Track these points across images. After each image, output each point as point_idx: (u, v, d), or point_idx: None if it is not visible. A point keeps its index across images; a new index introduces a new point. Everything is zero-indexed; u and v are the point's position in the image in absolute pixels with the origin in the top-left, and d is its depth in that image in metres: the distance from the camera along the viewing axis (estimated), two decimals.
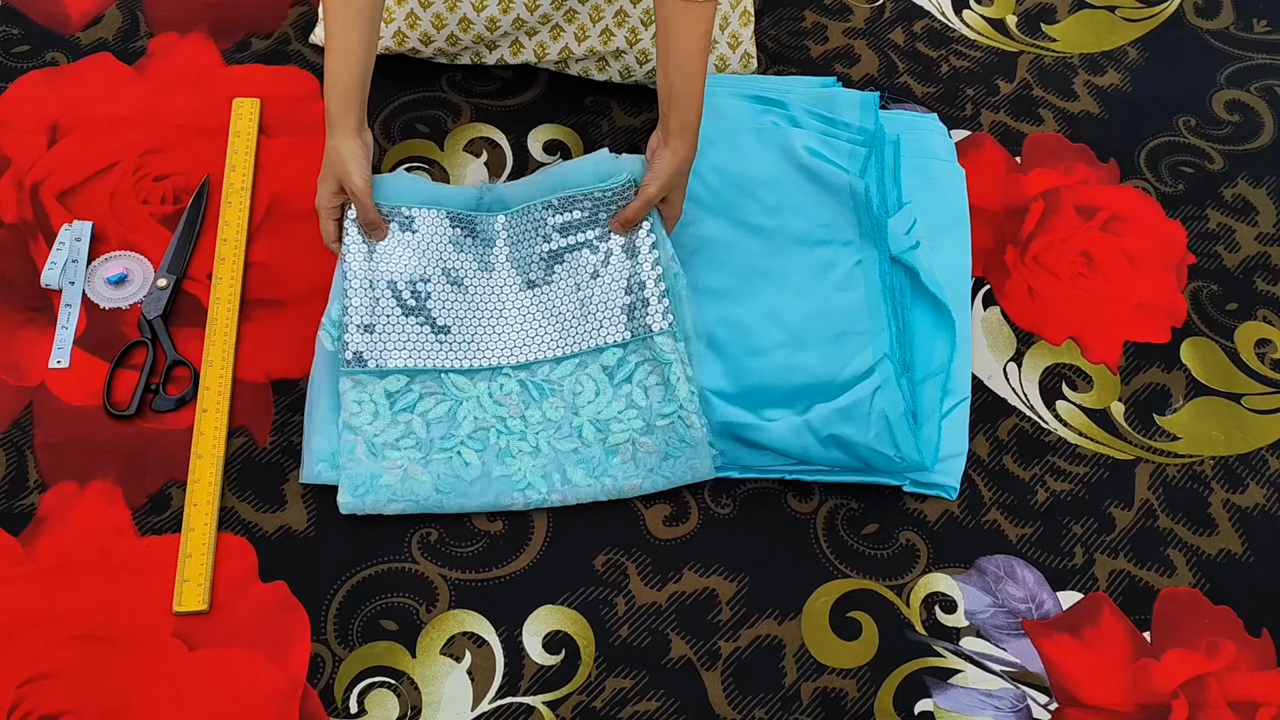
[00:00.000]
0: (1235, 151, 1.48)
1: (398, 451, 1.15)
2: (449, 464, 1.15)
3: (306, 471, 1.16)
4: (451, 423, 1.17)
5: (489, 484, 1.15)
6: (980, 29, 1.57)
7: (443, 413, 1.17)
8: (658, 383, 1.18)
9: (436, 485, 1.14)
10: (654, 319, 1.19)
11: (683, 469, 1.16)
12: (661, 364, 1.18)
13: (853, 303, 1.25)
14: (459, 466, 1.15)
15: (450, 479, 1.15)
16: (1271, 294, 1.37)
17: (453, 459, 1.15)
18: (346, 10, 1.11)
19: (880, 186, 1.31)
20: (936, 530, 1.19)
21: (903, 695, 1.10)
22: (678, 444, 1.16)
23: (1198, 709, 1.11)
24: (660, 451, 1.16)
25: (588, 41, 1.40)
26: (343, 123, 1.13)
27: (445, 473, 1.15)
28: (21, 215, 1.31)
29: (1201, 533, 1.21)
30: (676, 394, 1.17)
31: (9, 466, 1.17)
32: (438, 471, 1.15)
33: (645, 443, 1.16)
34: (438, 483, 1.14)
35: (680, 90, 1.13)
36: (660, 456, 1.16)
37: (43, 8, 1.47)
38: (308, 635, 1.09)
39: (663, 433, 1.16)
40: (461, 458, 1.16)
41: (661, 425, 1.16)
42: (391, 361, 1.17)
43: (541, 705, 1.08)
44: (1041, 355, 1.30)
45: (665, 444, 1.16)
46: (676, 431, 1.16)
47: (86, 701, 1.05)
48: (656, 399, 1.17)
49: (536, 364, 1.19)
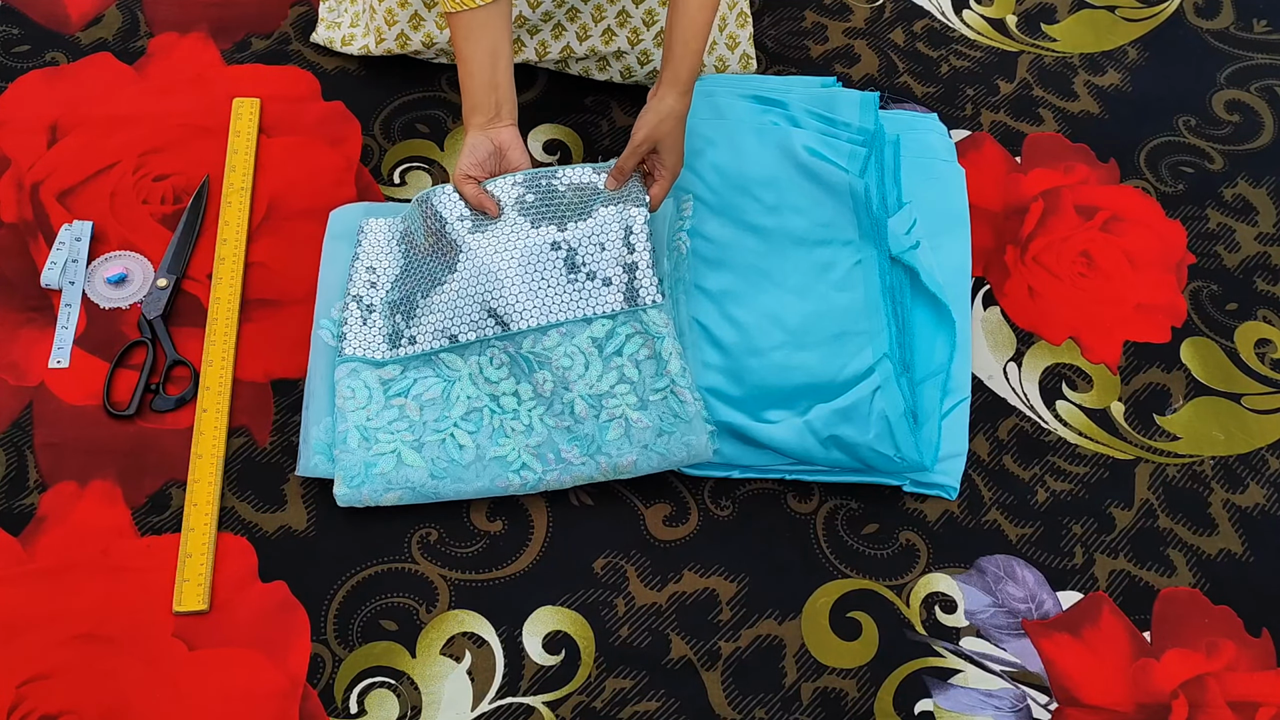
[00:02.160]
0: (1235, 151, 1.48)
1: (390, 435, 1.15)
2: (443, 447, 1.15)
3: (303, 464, 1.16)
4: (445, 404, 1.17)
5: (484, 467, 1.15)
6: (980, 29, 1.57)
7: (436, 394, 1.17)
8: (648, 356, 1.18)
9: (431, 471, 1.14)
10: (646, 292, 1.19)
11: (678, 446, 1.15)
12: (652, 337, 1.18)
13: (852, 303, 1.25)
14: (453, 449, 1.15)
15: (445, 463, 1.15)
16: (1271, 294, 1.37)
17: (446, 442, 1.15)
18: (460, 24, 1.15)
19: (880, 186, 1.31)
20: (936, 530, 1.19)
21: (903, 695, 1.10)
22: (672, 420, 1.16)
23: (1198, 709, 1.11)
24: (654, 427, 1.16)
25: (589, 41, 1.40)
26: (468, 121, 1.19)
27: (439, 456, 1.15)
28: (21, 215, 1.31)
29: (1201, 533, 1.21)
30: (669, 368, 1.17)
31: (9, 466, 1.17)
32: (431, 456, 1.15)
33: (639, 418, 1.16)
34: (432, 468, 1.14)
35: (680, 43, 1.17)
36: (655, 432, 1.15)
37: (43, 8, 1.47)
38: (308, 635, 1.10)
39: (656, 408, 1.16)
40: (455, 440, 1.15)
41: (655, 400, 1.16)
42: (387, 352, 1.18)
43: (541, 705, 1.08)
44: (1041, 355, 1.31)
45: (659, 419, 1.16)
46: (670, 407, 1.16)
47: (86, 701, 1.05)
48: (648, 373, 1.17)
49: (522, 334, 1.18)
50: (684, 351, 1.19)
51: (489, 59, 1.16)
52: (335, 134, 1.40)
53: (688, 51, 1.17)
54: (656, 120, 1.18)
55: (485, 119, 1.18)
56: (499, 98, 1.18)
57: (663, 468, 1.16)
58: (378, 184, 1.37)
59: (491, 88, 1.17)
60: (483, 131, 1.19)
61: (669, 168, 1.21)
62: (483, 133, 1.19)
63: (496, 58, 1.17)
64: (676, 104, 1.18)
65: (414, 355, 1.18)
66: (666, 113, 1.18)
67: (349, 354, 1.18)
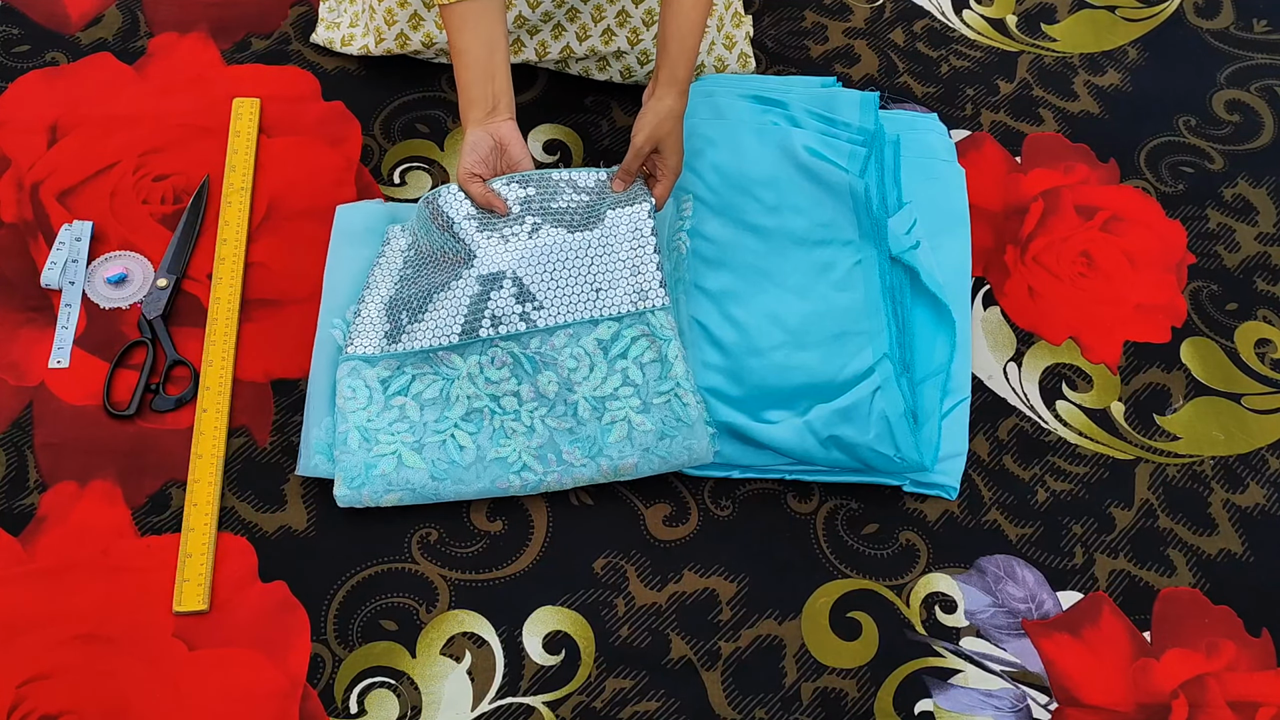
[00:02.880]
0: (1235, 151, 1.48)
1: (391, 436, 1.15)
2: (443, 448, 1.15)
3: (303, 464, 1.16)
4: (444, 404, 1.17)
5: (484, 468, 1.15)
6: (980, 29, 1.57)
7: (435, 393, 1.17)
8: (654, 359, 1.17)
9: (432, 472, 1.14)
10: (654, 294, 1.19)
11: (679, 449, 1.16)
12: (659, 340, 1.18)
13: (852, 303, 1.25)
14: (453, 450, 1.15)
15: (445, 464, 1.14)
16: (1271, 294, 1.37)
17: (446, 443, 1.15)
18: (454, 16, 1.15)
19: (880, 186, 1.31)
20: (936, 530, 1.19)
21: (903, 695, 1.10)
22: (674, 423, 1.16)
23: (1198, 709, 1.11)
24: (656, 431, 1.16)
25: (589, 41, 1.40)
26: (466, 116, 1.18)
27: (440, 458, 1.15)
28: (21, 215, 1.31)
29: (1201, 533, 1.21)
30: (673, 371, 1.17)
31: (9, 466, 1.17)
32: (432, 457, 1.14)
33: (641, 421, 1.16)
34: (433, 469, 1.14)
35: (675, 43, 1.17)
36: (656, 436, 1.16)
37: (43, 8, 1.47)
38: (308, 635, 1.10)
39: (659, 411, 1.16)
40: (455, 441, 1.15)
41: (658, 403, 1.16)
42: (387, 347, 1.18)
43: (541, 705, 1.08)
44: (1041, 355, 1.31)
45: (661, 423, 1.16)
46: (673, 410, 1.16)
47: (86, 701, 1.05)
48: (653, 376, 1.17)
49: (529, 334, 1.18)
50: (686, 353, 1.19)
51: (485, 50, 1.15)
52: (335, 134, 1.40)
53: (684, 49, 1.17)
54: (656, 121, 1.18)
55: (483, 113, 1.17)
56: (495, 90, 1.16)
57: (663, 470, 1.16)
58: (378, 184, 1.37)
59: (487, 79, 1.16)
60: (481, 127, 1.18)
61: (671, 167, 1.21)
62: (482, 128, 1.18)
63: (492, 49, 1.16)
64: (675, 104, 1.18)
65: (414, 351, 1.18)
66: (665, 113, 1.18)
67: (351, 353, 1.18)
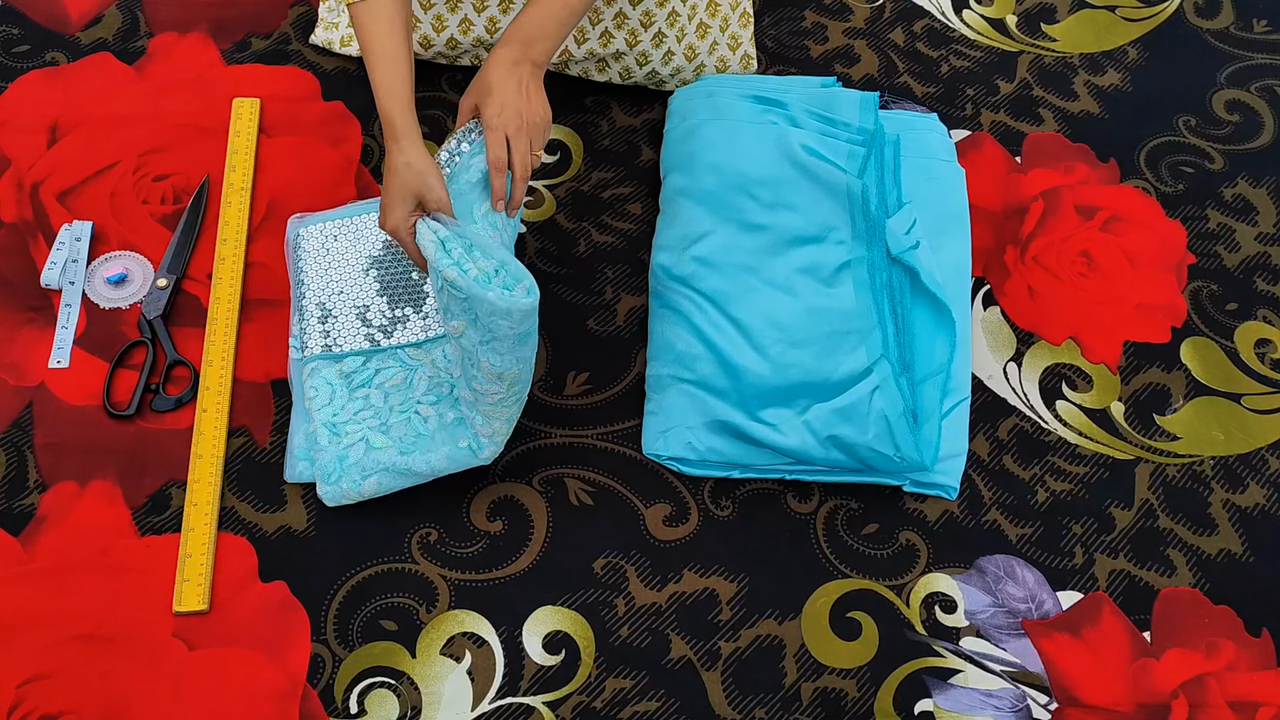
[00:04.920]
0: (1235, 151, 1.48)
1: (357, 425, 1.15)
2: (408, 425, 1.16)
3: (289, 471, 1.17)
4: (408, 388, 1.18)
5: (447, 432, 1.14)
6: (980, 29, 1.57)
7: (399, 379, 1.18)
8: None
9: (400, 447, 1.14)
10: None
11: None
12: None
13: (846, 302, 1.25)
14: (418, 424, 1.16)
15: (411, 438, 1.15)
16: (1271, 294, 1.37)
17: (411, 419, 1.16)
18: (377, 20, 1.08)
19: (880, 186, 1.31)
20: (936, 530, 1.19)
21: (903, 695, 1.10)
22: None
23: (1198, 709, 1.11)
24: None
25: (587, 44, 1.40)
26: (410, 132, 1.06)
27: (405, 434, 1.15)
28: (21, 215, 1.31)
29: (1201, 533, 1.21)
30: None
31: (9, 466, 1.17)
32: (399, 435, 1.15)
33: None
34: (400, 445, 1.14)
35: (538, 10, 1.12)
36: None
37: (43, 8, 1.47)
38: (308, 635, 1.10)
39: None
40: (419, 414, 1.16)
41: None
42: (349, 345, 1.20)
43: (541, 705, 1.08)
44: (1041, 355, 1.31)
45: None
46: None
47: (86, 701, 1.05)
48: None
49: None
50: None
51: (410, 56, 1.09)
52: (335, 134, 1.40)
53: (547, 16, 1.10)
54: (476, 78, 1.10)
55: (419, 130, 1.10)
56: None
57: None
58: (377, 184, 1.37)
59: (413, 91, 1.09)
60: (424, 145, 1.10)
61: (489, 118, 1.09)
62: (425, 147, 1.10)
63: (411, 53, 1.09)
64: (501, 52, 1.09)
65: (379, 349, 1.19)
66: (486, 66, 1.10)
67: (310, 354, 1.19)
